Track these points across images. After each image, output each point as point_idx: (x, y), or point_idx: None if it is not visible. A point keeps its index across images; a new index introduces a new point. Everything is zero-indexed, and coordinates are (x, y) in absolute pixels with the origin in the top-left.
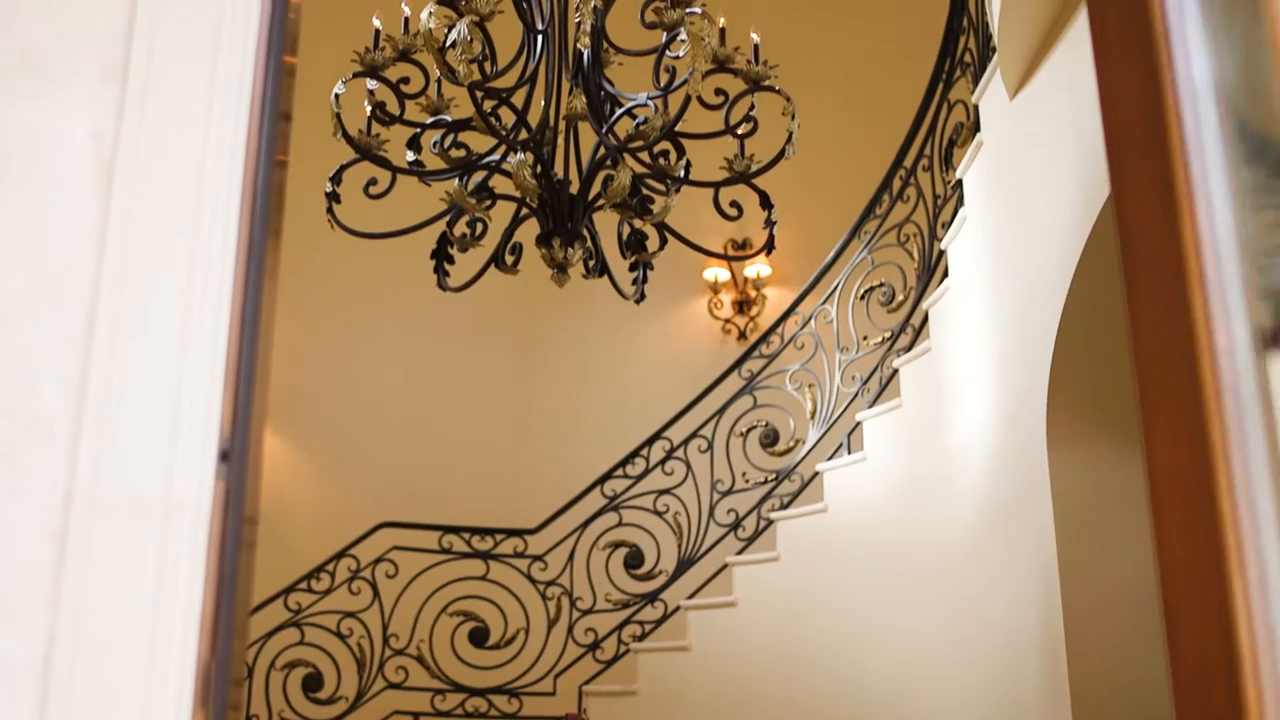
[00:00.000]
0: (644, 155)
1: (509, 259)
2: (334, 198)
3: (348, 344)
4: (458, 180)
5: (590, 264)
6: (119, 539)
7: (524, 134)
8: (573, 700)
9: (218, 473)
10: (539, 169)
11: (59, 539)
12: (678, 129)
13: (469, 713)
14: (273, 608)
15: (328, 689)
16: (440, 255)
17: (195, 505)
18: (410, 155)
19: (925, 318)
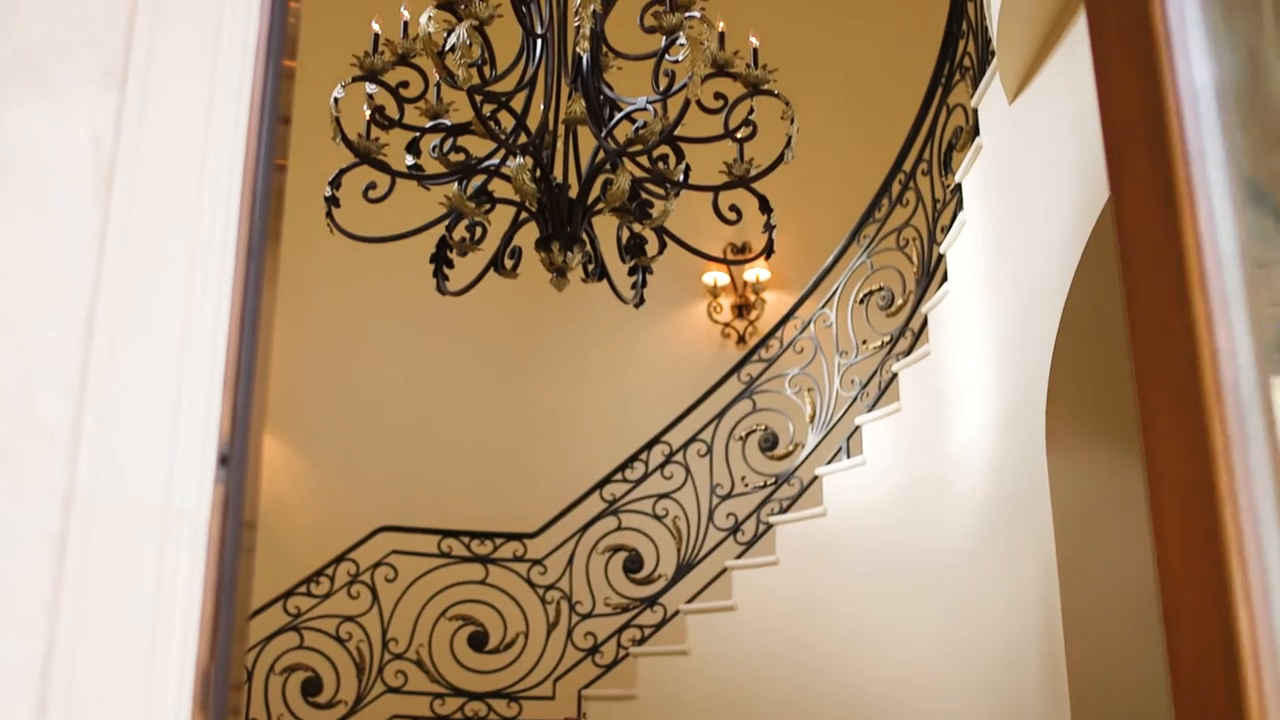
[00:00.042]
0: (643, 159)
1: (508, 263)
2: (333, 201)
3: (347, 348)
4: (457, 184)
5: (589, 268)
6: (118, 543)
7: (523, 138)
8: (572, 704)
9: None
10: (538, 173)
11: (58, 543)
12: (677, 133)
13: (468, 717)
14: (272, 612)
15: (327, 693)
16: (439, 259)
17: (195, 509)
18: (409, 159)
19: (924, 322)
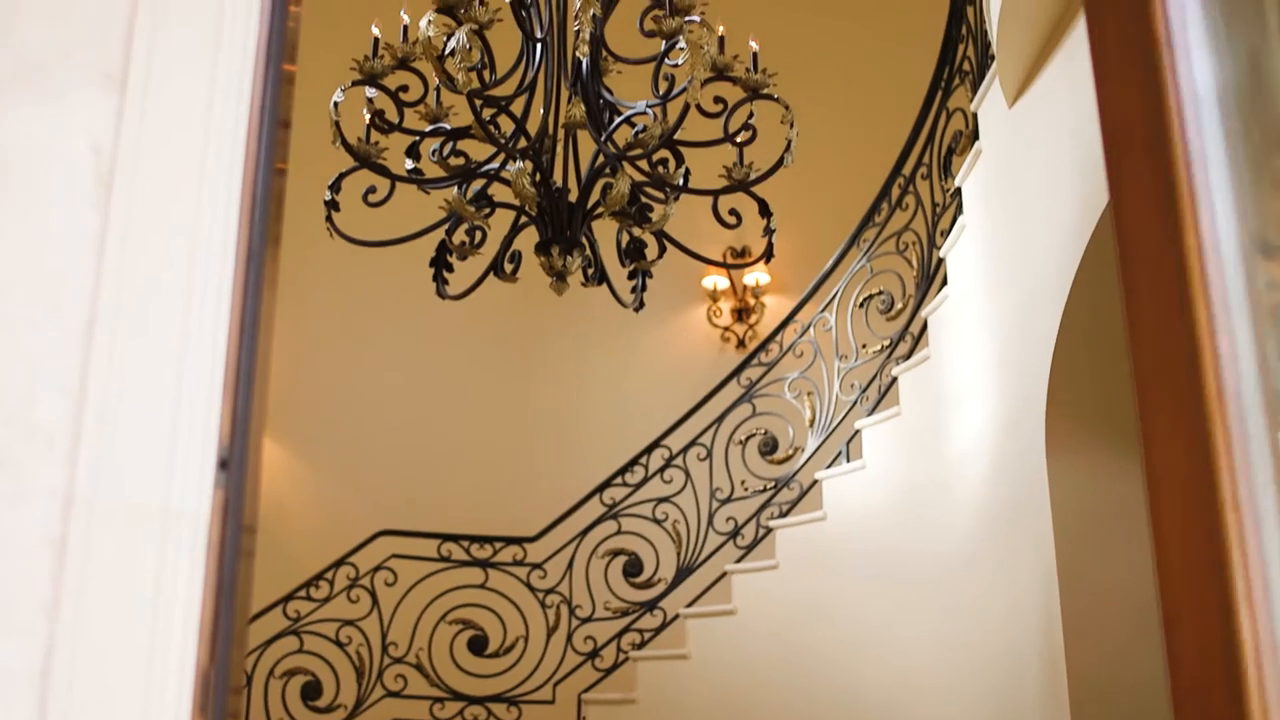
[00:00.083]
0: (643, 163)
1: (508, 267)
2: (333, 205)
3: (347, 352)
4: (457, 188)
5: (589, 272)
6: (118, 547)
7: (523, 142)
8: (572, 708)
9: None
10: (538, 177)
11: (58, 547)
12: (677, 137)
13: None
14: (272, 615)
15: (326, 697)
16: (439, 263)
17: (194, 513)
18: (409, 163)
19: (924, 325)
